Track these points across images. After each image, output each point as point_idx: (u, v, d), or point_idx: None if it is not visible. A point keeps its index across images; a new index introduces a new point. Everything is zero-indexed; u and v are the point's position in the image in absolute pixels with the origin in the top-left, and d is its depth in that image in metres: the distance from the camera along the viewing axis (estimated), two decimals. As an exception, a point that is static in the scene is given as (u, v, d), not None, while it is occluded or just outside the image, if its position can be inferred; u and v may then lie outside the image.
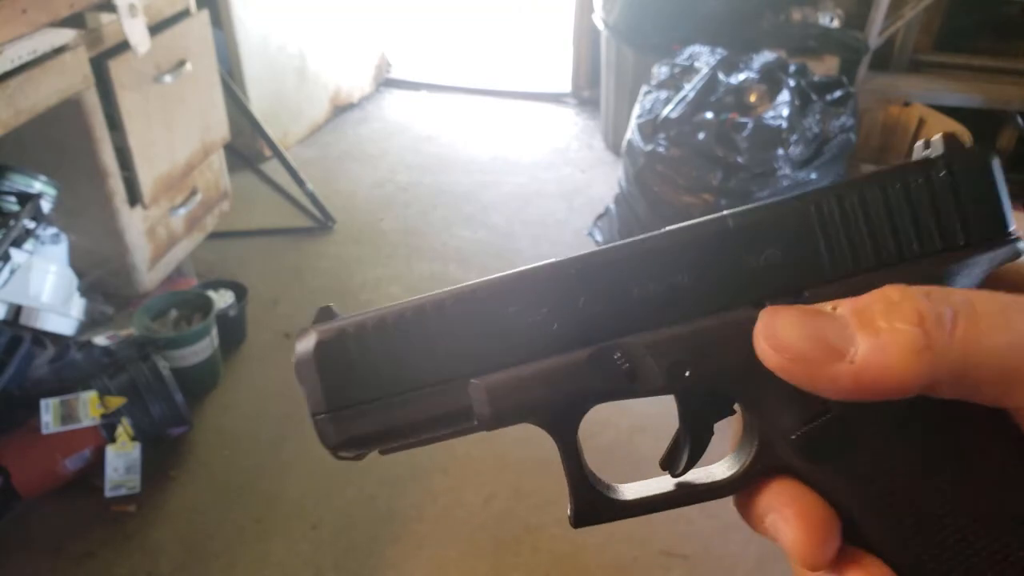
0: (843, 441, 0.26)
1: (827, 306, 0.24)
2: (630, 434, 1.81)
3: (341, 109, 3.44)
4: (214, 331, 1.88)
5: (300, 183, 2.61)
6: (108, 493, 1.63)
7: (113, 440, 1.64)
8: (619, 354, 0.27)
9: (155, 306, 1.89)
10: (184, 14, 1.87)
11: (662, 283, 0.26)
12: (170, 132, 1.85)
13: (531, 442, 1.81)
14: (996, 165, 0.24)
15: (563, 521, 1.47)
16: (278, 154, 2.63)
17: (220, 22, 2.64)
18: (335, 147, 3.19)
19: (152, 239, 1.86)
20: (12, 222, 1.51)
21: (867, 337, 0.22)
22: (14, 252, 1.52)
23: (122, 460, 1.65)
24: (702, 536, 1.58)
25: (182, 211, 1.95)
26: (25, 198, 1.55)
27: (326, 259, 2.48)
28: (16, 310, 1.56)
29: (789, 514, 0.26)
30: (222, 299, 2.02)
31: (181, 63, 1.83)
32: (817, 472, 0.26)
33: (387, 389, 0.28)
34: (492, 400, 0.27)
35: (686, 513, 1.62)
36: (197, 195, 2.01)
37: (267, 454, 1.78)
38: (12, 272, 1.52)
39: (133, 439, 1.66)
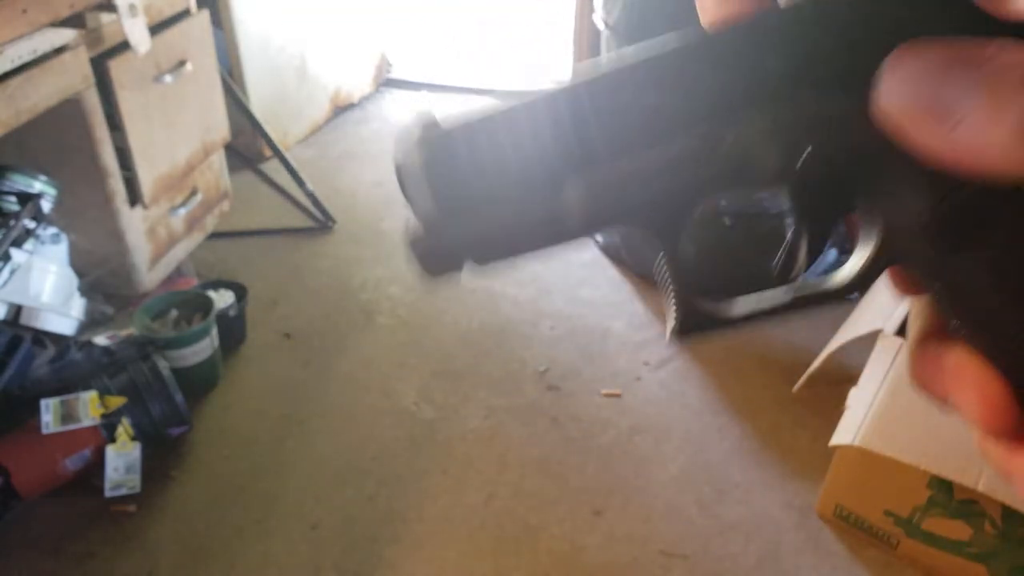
0: (986, 220, 0.21)
1: (984, 49, 0.19)
2: (630, 434, 1.81)
3: (341, 109, 3.44)
4: (214, 331, 1.88)
5: (300, 183, 2.61)
6: (108, 493, 1.63)
7: (113, 440, 1.65)
8: (732, 138, 0.23)
9: (155, 306, 1.89)
10: (184, 14, 1.87)
11: (784, 56, 0.23)
12: (170, 132, 1.85)
13: (531, 442, 1.81)
14: None
15: (563, 521, 1.47)
16: (278, 154, 2.63)
17: (220, 22, 2.64)
18: (335, 147, 3.19)
19: (152, 239, 1.86)
20: (12, 222, 1.51)
21: (982, 103, 0.18)
22: (14, 252, 1.52)
23: (122, 460, 1.65)
24: (702, 536, 1.58)
25: (182, 211, 1.95)
26: (25, 198, 1.55)
27: (326, 259, 2.48)
28: (16, 310, 1.56)
29: (969, 397, 0.22)
30: (222, 299, 2.02)
31: (181, 63, 1.83)
32: (956, 266, 0.22)
33: (493, 190, 0.25)
34: (589, 200, 0.24)
35: (686, 513, 1.62)
36: (197, 195, 2.01)
37: (267, 454, 1.78)
38: (12, 272, 1.52)
39: (133, 439, 1.66)
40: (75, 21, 1.54)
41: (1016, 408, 0.22)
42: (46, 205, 1.59)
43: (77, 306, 1.68)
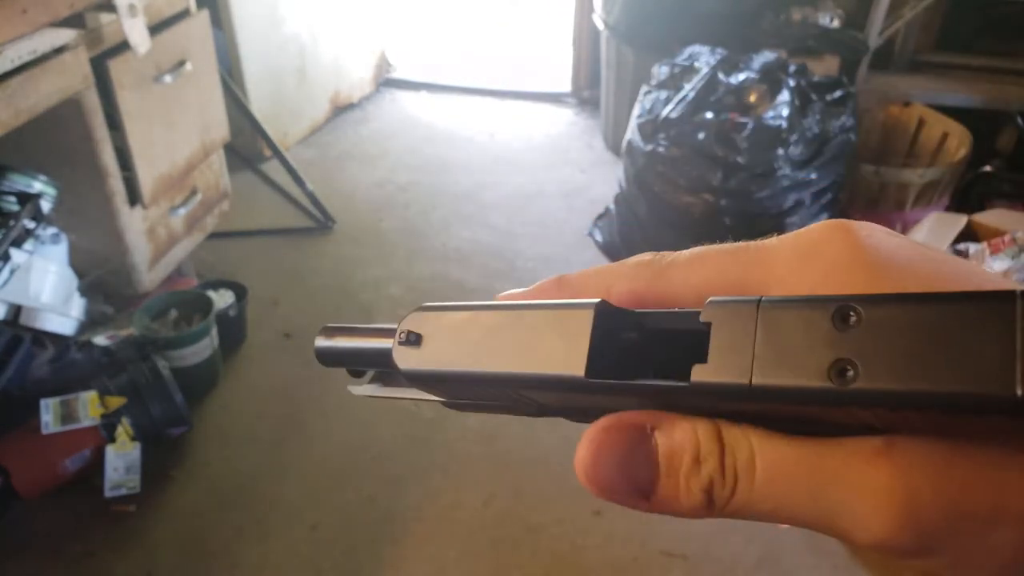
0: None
1: (647, 425, 0.23)
2: (630, 434, 1.81)
3: (341, 109, 3.44)
4: (214, 331, 1.88)
5: (300, 183, 2.61)
6: (108, 493, 1.63)
7: (113, 440, 1.65)
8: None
9: (155, 306, 1.89)
10: (184, 14, 1.87)
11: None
12: (170, 132, 1.85)
13: (531, 442, 1.81)
14: None
15: (563, 521, 1.47)
16: (278, 154, 2.63)
17: (220, 22, 2.64)
18: (335, 147, 3.19)
19: (152, 239, 1.86)
20: (12, 222, 1.51)
21: (667, 487, 0.23)
22: (14, 252, 1.52)
23: (122, 460, 1.65)
24: (702, 536, 1.58)
25: (182, 211, 1.95)
26: (25, 198, 1.55)
27: (326, 259, 2.48)
28: (16, 310, 1.56)
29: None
30: (222, 299, 2.02)
31: (181, 63, 1.83)
32: None
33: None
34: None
35: (686, 513, 1.62)
36: (197, 195, 2.01)
37: (267, 454, 1.78)
38: (12, 272, 1.52)
39: (133, 439, 1.66)
40: (75, 21, 1.54)
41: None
42: (46, 205, 1.59)
43: (77, 306, 1.68)
